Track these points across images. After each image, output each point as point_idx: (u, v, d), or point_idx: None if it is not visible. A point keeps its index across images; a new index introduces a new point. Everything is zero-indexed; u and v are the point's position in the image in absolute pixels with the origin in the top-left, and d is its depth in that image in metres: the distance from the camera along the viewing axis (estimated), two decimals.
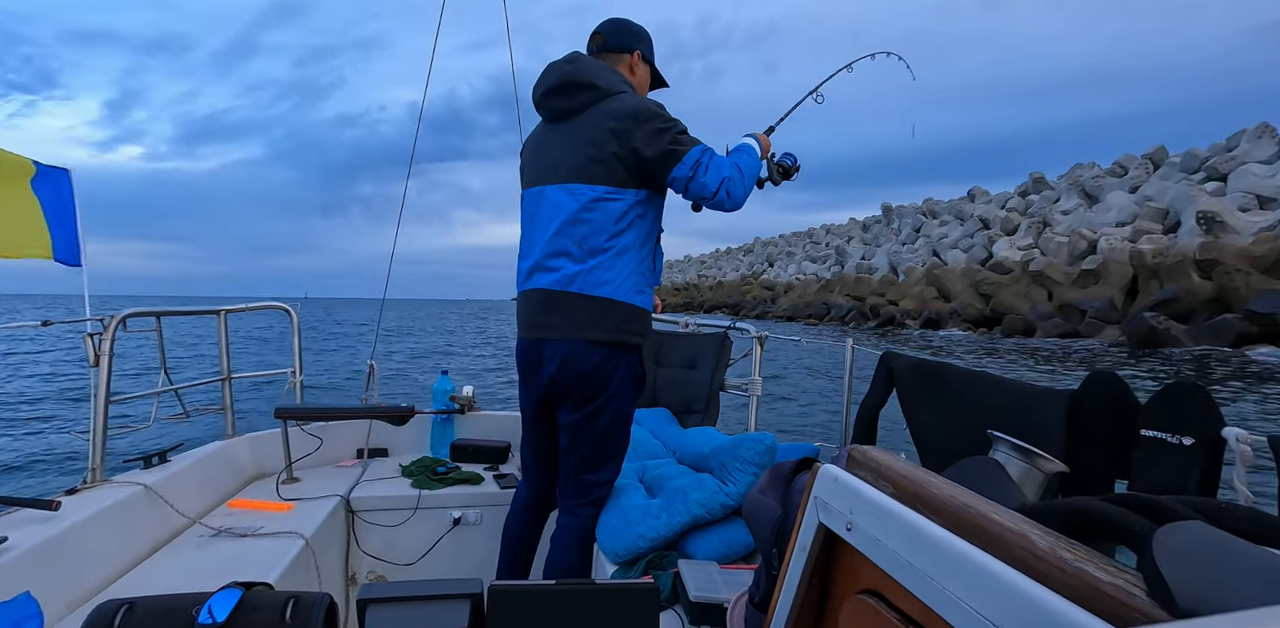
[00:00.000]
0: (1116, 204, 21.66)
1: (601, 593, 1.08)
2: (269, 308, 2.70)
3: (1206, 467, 1.16)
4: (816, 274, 36.55)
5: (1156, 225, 18.99)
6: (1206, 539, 0.46)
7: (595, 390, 1.79)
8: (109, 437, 1.97)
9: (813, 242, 47.71)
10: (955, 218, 30.88)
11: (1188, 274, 15.23)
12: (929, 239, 29.70)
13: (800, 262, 42.48)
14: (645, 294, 1.82)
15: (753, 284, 42.99)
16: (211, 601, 1.02)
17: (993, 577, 0.49)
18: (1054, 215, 24.21)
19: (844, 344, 2.21)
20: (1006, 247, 23.80)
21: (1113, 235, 19.29)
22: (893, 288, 26.39)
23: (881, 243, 34.83)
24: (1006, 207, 28.26)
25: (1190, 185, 19.40)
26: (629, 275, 1.76)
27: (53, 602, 1.45)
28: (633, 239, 1.76)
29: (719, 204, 1.73)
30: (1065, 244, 20.22)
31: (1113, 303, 16.33)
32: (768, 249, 55.92)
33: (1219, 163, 20.32)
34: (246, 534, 1.95)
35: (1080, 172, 27.61)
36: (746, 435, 1.92)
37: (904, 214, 36.07)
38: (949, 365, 1.74)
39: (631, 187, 1.74)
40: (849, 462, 0.73)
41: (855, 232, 41.41)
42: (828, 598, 0.75)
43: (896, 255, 30.30)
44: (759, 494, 1.08)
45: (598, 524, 1.95)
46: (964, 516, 0.57)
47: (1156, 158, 24.51)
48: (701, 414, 2.72)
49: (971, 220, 28.45)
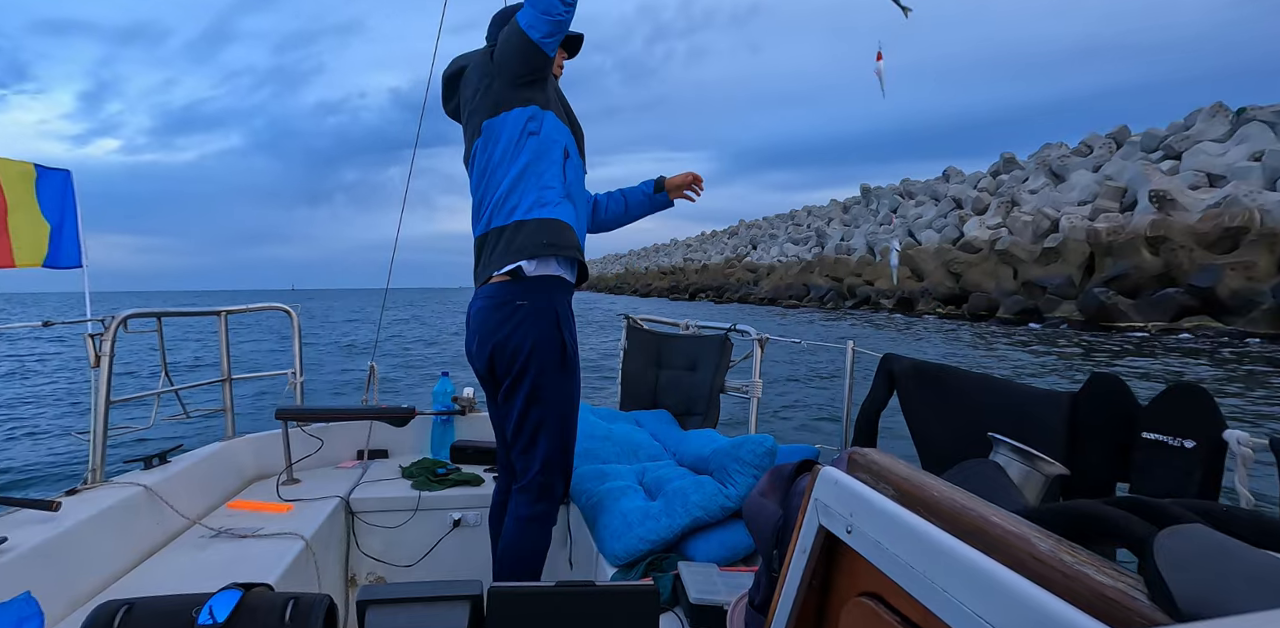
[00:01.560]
0: (1080, 183, 22.13)
1: (602, 595, 1.07)
2: (270, 309, 2.70)
3: (1208, 469, 1.16)
4: (798, 256, 36.89)
5: (1114, 204, 19.51)
6: (1208, 543, 0.46)
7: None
8: (109, 437, 1.97)
9: (794, 223, 47.82)
10: (931, 198, 31.28)
11: (1139, 251, 15.85)
12: (905, 220, 30.18)
13: (782, 244, 42.69)
14: (555, 205, 1.79)
15: (736, 267, 43.38)
16: (211, 602, 1.02)
17: (993, 580, 0.49)
18: (1022, 195, 24.61)
19: (844, 345, 2.21)
20: (977, 226, 24.23)
21: (1073, 214, 19.79)
22: (869, 269, 26.92)
23: (860, 224, 35.11)
24: (979, 186, 28.70)
25: (1146, 164, 19.99)
26: None
27: (53, 602, 1.45)
28: None
29: (540, 20, 1.62)
30: (1030, 223, 20.76)
31: (1071, 280, 16.99)
32: (751, 232, 55.90)
33: (1175, 142, 20.80)
34: (246, 535, 1.95)
35: (1049, 151, 28.03)
36: (747, 438, 1.92)
37: (882, 195, 36.46)
38: (950, 368, 1.74)
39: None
40: (849, 464, 0.73)
41: (836, 213, 41.63)
42: (828, 601, 0.75)
43: (874, 236, 30.69)
44: (759, 497, 1.08)
45: (597, 526, 1.95)
46: (964, 518, 0.57)
47: (1120, 137, 24.91)
48: (702, 416, 2.72)
49: (945, 200, 28.77)
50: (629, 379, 3.11)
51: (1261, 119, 18.99)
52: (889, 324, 21.77)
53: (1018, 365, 12.80)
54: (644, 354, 3.06)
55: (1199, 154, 19.20)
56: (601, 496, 2.04)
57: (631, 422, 2.74)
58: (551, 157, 1.75)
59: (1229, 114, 20.68)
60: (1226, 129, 20.04)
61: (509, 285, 1.72)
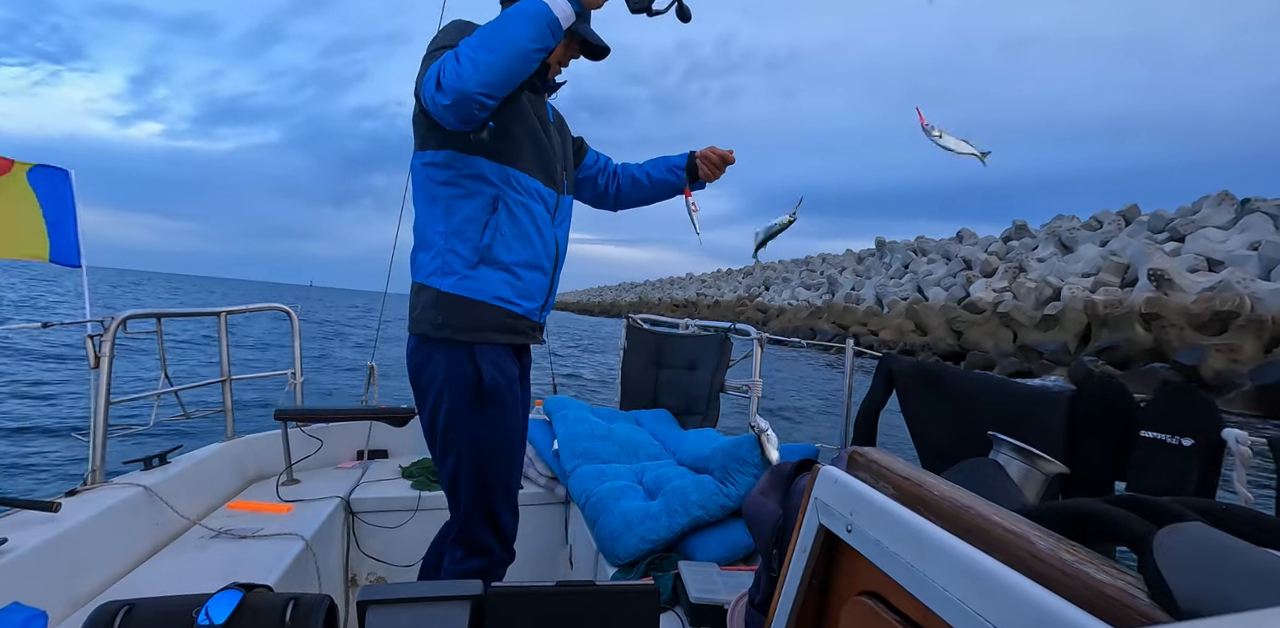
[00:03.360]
0: (1086, 256, 23.07)
1: (602, 595, 1.07)
2: (270, 309, 2.70)
3: (1206, 468, 1.16)
4: (808, 301, 37.89)
5: (1116, 279, 20.31)
6: (1207, 541, 0.46)
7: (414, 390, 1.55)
8: (109, 438, 1.97)
9: (809, 269, 49.17)
10: (942, 257, 32.73)
11: (1132, 325, 16.46)
12: (915, 275, 31.48)
13: (795, 288, 43.87)
14: (466, 278, 1.45)
15: (747, 306, 44.36)
16: (211, 602, 1.02)
17: (993, 578, 0.49)
18: (1030, 262, 25.67)
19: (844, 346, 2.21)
20: (983, 288, 25.23)
21: (1076, 285, 20.63)
22: (875, 319, 27.78)
23: (872, 275, 36.22)
24: (989, 250, 30.02)
25: (1150, 244, 20.90)
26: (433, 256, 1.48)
27: (53, 603, 1.45)
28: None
29: (434, 104, 1.26)
30: (1034, 289, 21.61)
31: (1066, 347, 17.67)
32: (765, 273, 57.59)
33: (1181, 225, 21.75)
34: (246, 536, 1.95)
35: (1060, 222, 29.31)
36: (747, 437, 1.92)
37: (896, 250, 37.70)
38: (949, 367, 1.74)
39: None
40: (849, 463, 0.73)
41: (849, 263, 42.95)
42: (828, 600, 0.75)
43: (883, 288, 31.82)
44: (759, 496, 1.08)
45: (597, 526, 1.95)
46: (964, 517, 0.57)
47: (1129, 215, 26.05)
48: (702, 416, 2.72)
49: (956, 260, 29.95)
50: (629, 379, 3.11)
51: (1264, 211, 19.68)
52: None
53: None
54: (644, 354, 3.06)
55: (1201, 239, 19.87)
56: (601, 495, 2.04)
57: (631, 421, 2.74)
58: (466, 212, 1.43)
59: (1234, 203, 21.41)
60: (1231, 217, 20.72)
61: (420, 344, 1.50)
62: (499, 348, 1.49)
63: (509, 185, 1.44)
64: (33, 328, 1.98)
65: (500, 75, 1.23)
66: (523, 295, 1.49)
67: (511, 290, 1.47)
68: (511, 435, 1.55)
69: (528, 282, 1.49)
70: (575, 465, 2.29)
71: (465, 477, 1.51)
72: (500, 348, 1.49)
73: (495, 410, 1.49)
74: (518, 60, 1.24)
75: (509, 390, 1.52)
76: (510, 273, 1.46)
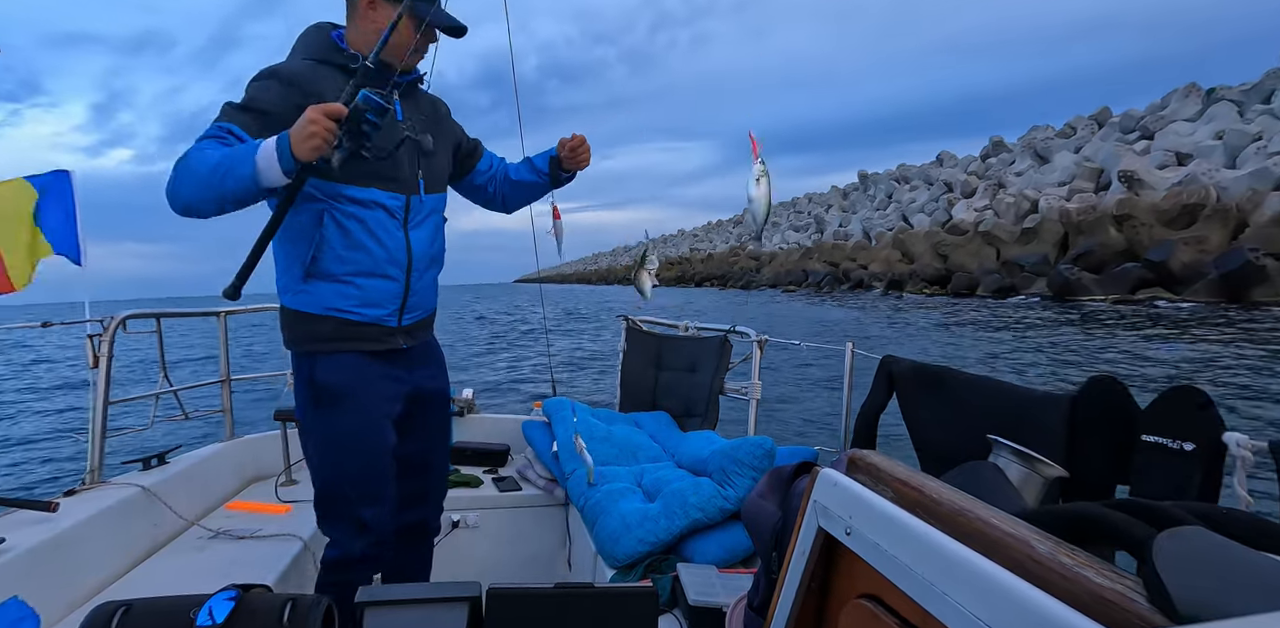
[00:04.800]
0: (1061, 165, 22.83)
1: (600, 597, 1.07)
2: (270, 310, 2.70)
3: (1207, 472, 1.16)
4: (798, 243, 37.85)
5: (1090, 184, 20.26)
6: (1207, 545, 0.46)
7: None
8: (107, 438, 1.96)
9: (796, 211, 49.06)
10: (925, 183, 32.48)
11: (1105, 229, 16.69)
12: (899, 204, 31.38)
13: (784, 231, 43.70)
14: (300, 292, 1.48)
15: (740, 255, 44.45)
16: (209, 603, 1.02)
17: (992, 582, 0.49)
18: (1009, 177, 25.47)
19: (844, 347, 2.21)
20: (964, 209, 25.18)
21: (1052, 195, 20.61)
22: (864, 253, 27.84)
23: (858, 209, 36.15)
24: (969, 170, 29.82)
25: (1120, 145, 20.76)
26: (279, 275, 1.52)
27: (50, 603, 1.45)
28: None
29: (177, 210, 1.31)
30: (1013, 205, 21.88)
31: (1046, 258, 18.01)
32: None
33: (1150, 122, 21.55)
34: (245, 536, 1.95)
35: (1035, 133, 28.91)
36: (746, 439, 1.92)
37: (878, 181, 37.62)
38: (949, 369, 1.74)
39: None
40: (848, 466, 0.73)
41: (835, 200, 42.76)
42: (827, 603, 0.74)
43: (869, 221, 31.72)
44: (758, 498, 1.08)
45: (596, 527, 1.95)
46: (963, 520, 0.57)
47: (1101, 118, 25.71)
48: (701, 418, 2.71)
49: (937, 184, 29.81)
50: (628, 381, 3.11)
51: (1230, 99, 19.73)
52: (875, 306, 22.82)
53: (959, 336, 13.85)
54: (643, 356, 3.06)
55: (1170, 134, 19.91)
56: (600, 497, 2.04)
57: (631, 423, 2.74)
58: (295, 229, 1.42)
59: (1201, 94, 21.41)
60: (1198, 109, 20.74)
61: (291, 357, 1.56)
62: (349, 354, 1.50)
63: (334, 199, 1.43)
64: (32, 327, 1.98)
65: (211, 208, 1.29)
66: (364, 304, 1.48)
67: (347, 300, 1.47)
68: (365, 432, 1.52)
69: (368, 290, 1.48)
70: (574, 467, 2.29)
71: (317, 476, 1.54)
72: (351, 354, 1.50)
73: (341, 411, 1.49)
74: (229, 200, 1.28)
75: (363, 392, 1.51)
76: (344, 283, 1.46)
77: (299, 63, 1.44)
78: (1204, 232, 14.74)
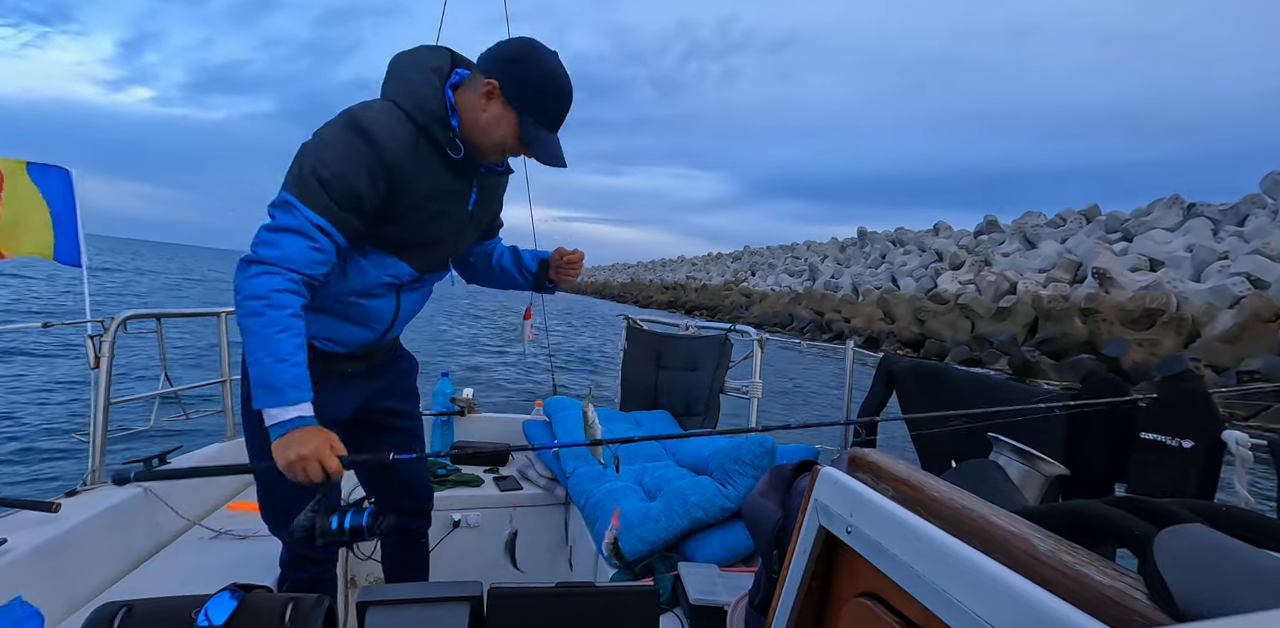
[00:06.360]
0: (1045, 252, 24.40)
1: (601, 596, 1.07)
2: None
3: (1206, 469, 1.16)
4: (790, 287, 39.00)
5: (1068, 275, 21.68)
6: (1207, 543, 0.46)
7: None
8: (108, 438, 1.96)
9: (794, 256, 50.83)
10: (918, 249, 34.15)
11: (1072, 319, 17.72)
12: (891, 266, 32.86)
13: (779, 274, 45.18)
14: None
15: (732, 290, 45.42)
16: (210, 603, 1.02)
17: (993, 580, 0.49)
18: (996, 256, 27.01)
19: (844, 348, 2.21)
20: (950, 280, 26.51)
21: (1031, 280, 22.05)
22: (849, 306, 29.28)
23: (852, 264, 37.65)
24: (960, 244, 31.55)
25: (1101, 243, 22.25)
26: None
27: (52, 604, 1.45)
28: None
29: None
30: (994, 283, 22.86)
31: (1015, 338, 19.52)
32: (753, 258, 58.98)
33: (1132, 225, 23.22)
34: (246, 537, 1.95)
35: (1028, 219, 30.74)
36: (746, 438, 1.92)
37: (876, 240, 39.77)
38: (949, 368, 1.74)
39: None
40: (849, 464, 0.73)
41: (832, 251, 44.59)
42: (828, 601, 0.75)
43: (860, 277, 33.57)
44: (759, 497, 1.08)
45: (597, 527, 1.95)
46: (964, 518, 0.57)
47: (1090, 214, 27.48)
48: (702, 417, 2.72)
49: (929, 252, 31.32)
50: (629, 380, 3.11)
51: (1208, 216, 21.30)
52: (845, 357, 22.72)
53: None
54: (644, 355, 3.06)
55: (1147, 240, 21.42)
56: (601, 496, 2.04)
57: (631, 422, 2.74)
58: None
59: (1183, 206, 22.94)
60: (1178, 220, 22.18)
61: None
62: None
63: (357, 250, 1.37)
64: (33, 327, 1.98)
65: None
66: (331, 340, 1.45)
67: (317, 327, 1.41)
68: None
69: (339, 331, 1.45)
70: (575, 467, 2.29)
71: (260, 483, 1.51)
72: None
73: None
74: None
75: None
76: (323, 314, 1.42)
77: (400, 128, 1.25)
78: (1159, 336, 15.69)
